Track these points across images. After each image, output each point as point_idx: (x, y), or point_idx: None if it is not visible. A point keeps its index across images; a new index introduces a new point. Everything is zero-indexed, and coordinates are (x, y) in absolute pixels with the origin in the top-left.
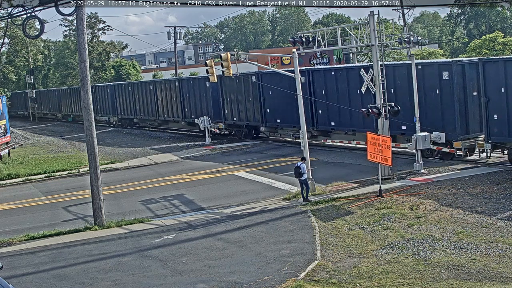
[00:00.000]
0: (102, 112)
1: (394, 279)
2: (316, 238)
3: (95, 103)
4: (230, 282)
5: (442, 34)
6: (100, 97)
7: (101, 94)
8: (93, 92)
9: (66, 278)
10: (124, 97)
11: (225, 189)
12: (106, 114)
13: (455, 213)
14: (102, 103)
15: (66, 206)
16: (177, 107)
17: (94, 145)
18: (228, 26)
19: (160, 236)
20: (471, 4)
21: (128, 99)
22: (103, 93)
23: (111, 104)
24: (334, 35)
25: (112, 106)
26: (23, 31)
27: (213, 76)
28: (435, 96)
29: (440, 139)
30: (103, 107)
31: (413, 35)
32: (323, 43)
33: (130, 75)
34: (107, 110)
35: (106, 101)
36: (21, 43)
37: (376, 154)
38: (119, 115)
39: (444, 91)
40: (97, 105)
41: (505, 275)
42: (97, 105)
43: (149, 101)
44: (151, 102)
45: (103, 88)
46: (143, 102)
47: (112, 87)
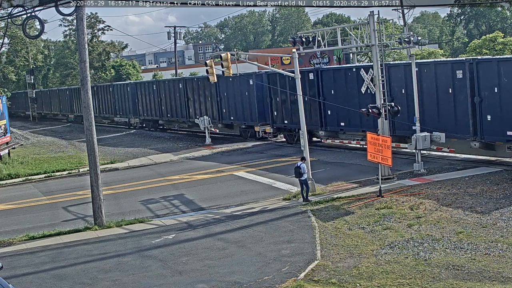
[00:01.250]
0: (121, 113)
1: (394, 279)
2: (316, 238)
3: (113, 103)
4: (230, 282)
5: (442, 34)
6: (119, 97)
7: (120, 93)
8: (111, 91)
9: (66, 278)
10: (148, 96)
11: (225, 189)
12: (126, 115)
13: (455, 213)
14: (121, 103)
15: (66, 206)
16: (212, 108)
17: (94, 145)
18: (228, 26)
19: (160, 236)
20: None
21: (152, 99)
22: (123, 92)
23: (132, 104)
24: (334, 35)
25: (133, 106)
26: (23, 31)
27: (213, 76)
28: None
29: (440, 139)
30: (122, 107)
31: (413, 35)
32: (323, 43)
33: (130, 75)
34: (126, 110)
35: (126, 101)
36: (21, 43)
37: (376, 154)
38: (141, 116)
39: None
40: (115, 105)
41: (505, 275)
42: (115, 105)
43: (178, 101)
44: (181, 102)
45: (122, 87)
46: (170, 102)
47: (133, 85)
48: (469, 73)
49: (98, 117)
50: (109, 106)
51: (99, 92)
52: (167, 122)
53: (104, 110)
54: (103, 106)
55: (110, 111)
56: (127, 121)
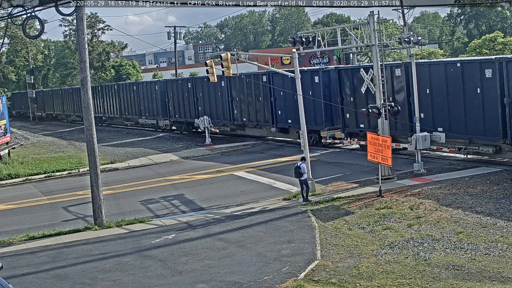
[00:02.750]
0: (147, 114)
1: (394, 279)
2: (316, 238)
3: (138, 103)
4: (230, 282)
5: (442, 34)
6: (145, 96)
7: (146, 92)
8: (134, 90)
9: (66, 278)
10: (181, 95)
11: (225, 189)
12: (153, 116)
13: (455, 213)
14: (147, 103)
15: (66, 206)
16: (263, 109)
17: (94, 145)
18: (228, 26)
19: (160, 236)
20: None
21: (186, 98)
22: (149, 91)
23: (161, 104)
24: (334, 35)
25: (163, 106)
26: (23, 31)
27: (213, 76)
28: None
29: (440, 139)
30: (148, 108)
31: (413, 35)
32: (323, 43)
33: (130, 75)
34: (154, 111)
35: (153, 101)
36: (21, 43)
37: (376, 154)
38: (172, 117)
39: None
40: (140, 106)
41: (505, 275)
42: (139, 105)
43: (219, 102)
44: (223, 103)
45: (149, 85)
46: (209, 102)
47: (163, 83)
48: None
49: (119, 118)
50: (133, 107)
51: (121, 91)
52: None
53: (126, 111)
54: (126, 107)
55: (134, 112)
56: (155, 123)
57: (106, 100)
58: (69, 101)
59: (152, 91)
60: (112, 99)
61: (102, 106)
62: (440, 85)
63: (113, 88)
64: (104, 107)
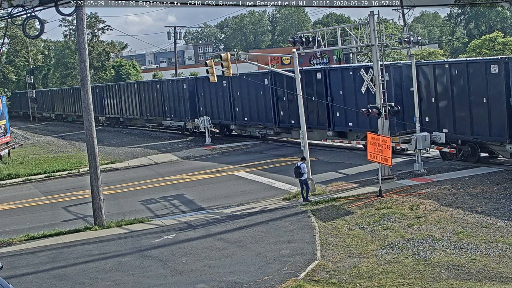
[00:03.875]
0: (173, 115)
1: (394, 279)
2: (316, 238)
3: (161, 103)
4: (230, 282)
5: (442, 34)
6: (170, 95)
7: (172, 90)
8: (158, 89)
9: (66, 278)
10: (214, 95)
11: (225, 189)
12: (180, 117)
13: (455, 213)
14: (173, 102)
15: (66, 206)
16: (317, 111)
17: (94, 145)
18: (228, 26)
19: (160, 236)
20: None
21: (220, 98)
22: (176, 90)
23: (190, 104)
24: (334, 35)
25: (192, 107)
26: (23, 31)
27: (213, 76)
28: None
29: (440, 139)
30: (175, 108)
31: (413, 35)
32: (323, 43)
33: (130, 75)
34: (181, 112)
35: (180, 100)
36: (21, 43)
37: (376, 154)
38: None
39: None
40: (164, 106)
41: (505, 275)
42: (164, 105)
43: (261, 102)
44: (266, 103)
45: (175, 83)
46: (249, 102)
47: (192, 81)
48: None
49: (140, 119)
50: (156, 107)
51: (142, 89)
52: (241, 127)
53: (148, 112)
54: (148, 107)
55: (156, 113)
56: (182, 125)
57: (124, 100)
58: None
59: (180, 90)
60: (132, 98)
61: (119, 106)
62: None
63: (132, 87)
64: (122, 107)
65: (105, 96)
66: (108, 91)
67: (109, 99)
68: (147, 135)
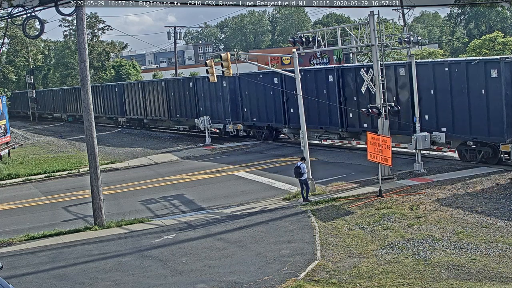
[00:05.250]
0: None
1: (394, 279)
2: (316, 238)
3: (196, 103)
4: (230, 282)
5: (442, 34)
6: (206, 94)
7: (209, 89)
8: (191, 87)
9: (66, 278)
10: (262, 94)
11: (225, 189)
12: (219, 119)
13: (455, 213)
14: (210, 102)
15: (66, 206)
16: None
17: (94, 145)
18: (228, 26)
19: (160, 236)
20: (471, 4)
21: (270, 98)
22: (213, 88)
23: (231, 104)
24: (334, 35)
25: (233, 108)
26: (23, 31)
27: (213, 76)
28: None
29: (440, 139)
30: (212, 108)
31: (413, 35)
32: (323, 43)
33: (130, 75)
34: (220, 113)
35: (219, 100)
36: (21, 43)
37: (376, 154)
38: (247, 121)
39: None
40: (198, 106)
41: (505, 275)
42: (198, 105)
43: (323, 102)
44: (331, 104)
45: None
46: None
47: (232, 79)
48: None
49: (167, 121)
50: (188, 107)
51: (171, 88)
52: (296, 131)
53: (177, 113)
54: (177, 107)
55: (188, 114)
56: (221, 128)
57: (149, 99)
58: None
59: (218, 89)
60: (158, 98)
61: (143, 107)
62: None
63: (159, 85)
64: (145, 107)
65: (126, 96)
66: (129, 90)
67: (131, 98)
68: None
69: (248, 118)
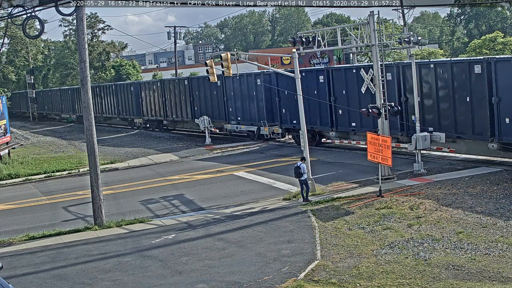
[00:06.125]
0: (240, 118)
1: (394, 279)
2: (316, 238)
3: (224, 103)
4: (230, 282)
5: (442, 34)
6: (238, 93)
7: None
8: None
9: (66, 278)
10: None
11: (225, 189)
12: (251, 121)
13: (455, 213)
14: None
15: (66, 206)
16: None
17: (94, 145)
18: (228, 26)
19: (160, 236)
20: (471, 4)
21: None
22: (247, 86)
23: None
24: (334, 35)
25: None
26: (23, 31)
27: (213, 76)
28: None
29: (440, 139)
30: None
31: (413, 35)
32: (323, 43)
33: (130, 75)
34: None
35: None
36: (21, 43)
37: (376, 154)
38: (286, 123)
39: None
40: (228, 106)
41: (505, 275)
42: (227, 105)
43: None
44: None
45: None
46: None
47: (267, 76)
48: None
49: (190, 122)
50: (214, 108)
51: (194, 87)
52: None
53: (203, 113)
54: (202, 108)
55: (216, 115)
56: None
57: (169, 99)
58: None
59: (251, 87)
60: (180, 98)
61: (162, 107)
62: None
63: (181, 84)
64: (165, 107)
65: (143, 95)
66: (147, 89)
67: (149, 98)
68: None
69: (287, 120)
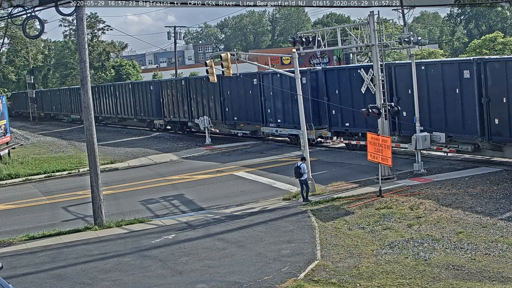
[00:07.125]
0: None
1: (394, 279)
2: (316, 238)
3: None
4: (230, 282)
5: (442, 34)
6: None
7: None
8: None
9: (66, 278)
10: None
11: (225, 189)
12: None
13: (455, 213)
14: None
15: (66, 206)
16: None
17: (94, 145)
18: (228, 26)
19: (160, 236)
20: (471, 4)
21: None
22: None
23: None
24: (334, 35)
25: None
26: (23, 31)
27: (213, 76)
28: None
29: (440, 139)
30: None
31: (413, 35)
32: (323, 43)
33: (130, 75)
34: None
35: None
36: (21, 43)
37: (376, 154)
38: (336, 126)
39: None
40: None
41: (505, 275)
42: (265, 106)
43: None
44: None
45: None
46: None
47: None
48: None
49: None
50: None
51: (225, 86)
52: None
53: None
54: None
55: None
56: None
57: (196, 100)
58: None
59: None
60: (208, 98)
61: (188, 108)
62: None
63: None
64: (191, 108)
65: (165, 95)
66: (169, 88)
67: (171, 98)
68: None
69: (337, 122)
